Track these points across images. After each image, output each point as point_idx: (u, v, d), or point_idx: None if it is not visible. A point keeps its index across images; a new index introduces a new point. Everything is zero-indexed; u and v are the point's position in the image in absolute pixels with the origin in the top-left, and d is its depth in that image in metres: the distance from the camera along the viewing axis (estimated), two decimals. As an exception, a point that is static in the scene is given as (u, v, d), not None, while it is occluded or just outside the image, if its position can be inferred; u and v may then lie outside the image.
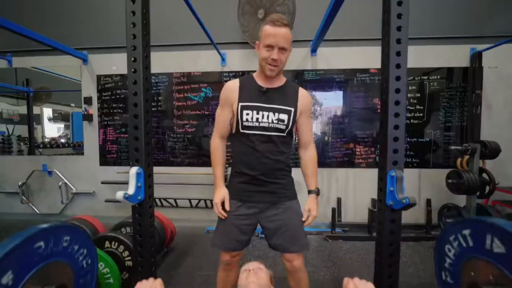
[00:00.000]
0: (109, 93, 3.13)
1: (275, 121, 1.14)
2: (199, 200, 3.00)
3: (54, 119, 6.00)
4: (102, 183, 3.07)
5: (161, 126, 3.09)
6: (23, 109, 4.87)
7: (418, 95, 2.86)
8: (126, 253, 1.68)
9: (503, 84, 2.79)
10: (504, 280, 0.63)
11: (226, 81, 2.99)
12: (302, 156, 1.28)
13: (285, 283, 1.32)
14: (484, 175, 2.38)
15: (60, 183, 3.16)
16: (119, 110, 3.13)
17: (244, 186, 1.18)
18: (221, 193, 1.17)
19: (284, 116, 1.15)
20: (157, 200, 3.00)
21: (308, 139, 1.26)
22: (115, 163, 3.15)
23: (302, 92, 1.21)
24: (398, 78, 0.97)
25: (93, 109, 3.16)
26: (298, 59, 2.93)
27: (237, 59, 2.98)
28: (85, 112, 3.14)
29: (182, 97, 3.05)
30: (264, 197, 1.18)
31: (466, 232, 0.75)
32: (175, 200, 3.02)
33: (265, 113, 1.13)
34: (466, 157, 2.46)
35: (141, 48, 1.02)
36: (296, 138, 1.29)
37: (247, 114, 1.13)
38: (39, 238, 0.75)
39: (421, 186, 2.90)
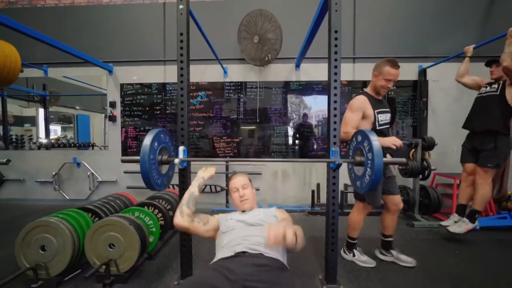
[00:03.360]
0: (131, 98, 3.79)
1: (388, 118, 1.95)
2: (205, 186, 3.67)
3: (51, 121, 6.43)
4: (125, 172, 3.71)
5: (174, 126, 3.76)
6: (18, 111, 5.37)
7: (380, 101, 3.63)
8: (160, 215, 2.34)
9: (443, 93, 3.58)
10: (362, 154, 1.44)
11: (228, 90, 3.70)
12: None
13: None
14: (424, 163, 3.13)
15: (88, 173, 3.78)
16: (139, 113, 3.79)
17: None
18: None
19: (389, 115, 1.97)
20: (171, 186, 3.66)
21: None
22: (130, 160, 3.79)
23: (384, 101, 2.02)
24: (335, 93, 1.70)
25: (117, 112, 3.80)
26: (285, 72, 3.66)
27: (236, 72, 3.69)
28: (110, 114, 3.78)
29: (191, 102, 3.73)
30: None
31: (354, 139, 1.57)
32: (185, 186, 3.68)
33: (386, 115, 1.94)
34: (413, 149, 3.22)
35: (186, 69, 1.71)
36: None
37: (380, 116, 1.89)
38: (161, 133, 1.53)
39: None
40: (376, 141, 1.41)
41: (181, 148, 1.67)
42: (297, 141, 3.75)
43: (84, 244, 1.80)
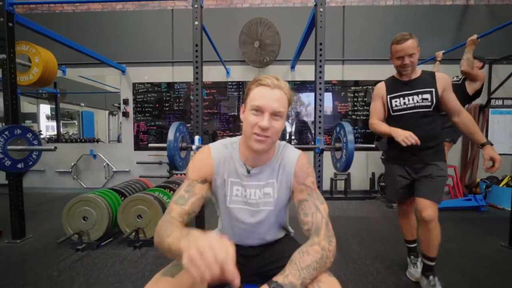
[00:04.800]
0: (142, 96, 4.18)
1: (417, 101, 1.50)
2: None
3: (53, 117, 6.73)
4: (138, 163, 4.12)
5: (182, 121, 4.16)
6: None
7: (366, 99, 4.06)
8: (174, 196, 2.76)
9: (422, 92, 4.01)
10: (340, 141, 1.91)
11: (230, 88, 4.10)
12: (456, 121, 1.50)
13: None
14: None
15: (104, 164, 4.18)
16: (149, 109, 4.19)
17: (401, 153, 1.56)
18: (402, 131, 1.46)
19: (419, 96, 1.50)
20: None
21: (456, 107, 1.49)
22: (146, 149, 4.19)
23: (439, 75, 1.51)
24: (320, 93, 2.12)
25: (130, 108, 4.19)
26: (281, 73, 4.07)
27: (238, 73, 4.10)
28: (124, 110, 4.17)
29: (197, 99, 4.13)
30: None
31: (334, 130, 2.03)
32: (192, 175, 4.09)
33: (411, 98, 1.52)
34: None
35: (200, 73, 2.11)
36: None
37: (395, 101, 1.56)
38: (180, 125, 1.97)
39: (368, 163, 4.09)
40: (350, 132, 1.83)
41: (196, 137, 2.09)
42: (293, 137, 4.18)
43: (117, 216, 2.21)
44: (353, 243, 2.30)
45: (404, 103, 1.54)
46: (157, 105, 4.19)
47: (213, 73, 4.09)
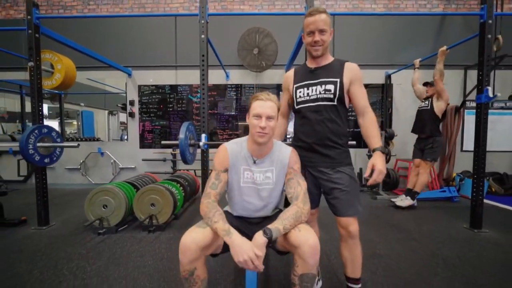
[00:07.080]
0: (147, 97, 4.47)
1: (322, 92, 1.29)
2: (211, 170, 4.40)
3: (50, 116, 6.95)
4: (143, 160, 4.41)
5: (184, 121, 4.47)
6: (12, 107, 5.63)
7: (354, 101, 4.42)
8: (181, 188, 3.08)
9: (405, 95, 4.39)
10: None
11: (229, 90, 4.42)
12: (361, 123, 1.34)
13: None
14: (386, 150, 3.95)
15: (111, 161, 4.47)
16: (154, 110, 4.48)
17: (305, 153, 1.37)
18: None
19: (321, 87, 1.29)
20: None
21: (363, 106, 1.32)
22: (150, 147, 4.50)
23: (349, 65, 1.33)
24: (310, 98, 2.46)
25: (135, 109, 4.48)
26: (277, 76, 4.41)
27: (237, 76, 4.42)
28: (130, 111, 4.46)
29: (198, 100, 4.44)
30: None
31: None
32: (194, 170, 4.41)
33: (315, 88, 1.31)
34: (379, 139, 4.03)
35: (206, 80, 2.44)
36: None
37: (300, 91, 1.35)
38: (189, 125, 2.27)
39: (357, 160, 4.46)
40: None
41: (203, 135, 2.41)
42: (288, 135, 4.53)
43: (133, 204, 2.53)
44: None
45: (307, 94, 1.34)
46: (161, 106, 4.49)
47: (214, 77, 4.40)
